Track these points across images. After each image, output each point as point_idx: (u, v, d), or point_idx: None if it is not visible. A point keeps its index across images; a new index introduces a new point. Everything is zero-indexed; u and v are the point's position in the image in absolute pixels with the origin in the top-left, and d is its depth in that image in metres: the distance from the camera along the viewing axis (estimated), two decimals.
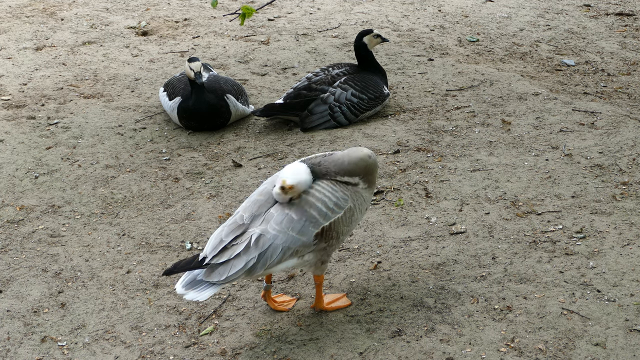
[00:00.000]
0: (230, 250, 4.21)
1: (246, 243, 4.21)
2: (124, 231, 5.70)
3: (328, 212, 4.32)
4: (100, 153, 6.79)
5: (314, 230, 4.29)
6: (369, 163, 4.47)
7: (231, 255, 4.19)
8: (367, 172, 4.47)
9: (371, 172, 4.51)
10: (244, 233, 4.27)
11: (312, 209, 4.29)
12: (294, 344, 4.48)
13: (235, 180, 6.26)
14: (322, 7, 10.33)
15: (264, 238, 4.22)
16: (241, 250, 4.20)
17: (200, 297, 4.17)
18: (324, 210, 4.31)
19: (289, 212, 4.27)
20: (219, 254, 4.21)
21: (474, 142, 6.58)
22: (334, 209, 4.34)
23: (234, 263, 4.18)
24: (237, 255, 4.20)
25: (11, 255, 5.47)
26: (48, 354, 4.59)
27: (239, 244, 4.22)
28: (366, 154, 4.47)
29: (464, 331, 4.46)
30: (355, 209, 4.46)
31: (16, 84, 8.14)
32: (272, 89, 7.93)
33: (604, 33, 9.54)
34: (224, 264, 4.19)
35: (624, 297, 4.65)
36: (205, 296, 4.17)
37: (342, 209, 4.38)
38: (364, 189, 4.49)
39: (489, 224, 5.43)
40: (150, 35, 9.49)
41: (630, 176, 5.90)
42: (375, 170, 4.55)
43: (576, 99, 7.37)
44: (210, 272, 4.19)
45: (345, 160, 4.44)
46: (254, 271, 4.21)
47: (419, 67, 8.26)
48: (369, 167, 4.47)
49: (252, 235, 4.23)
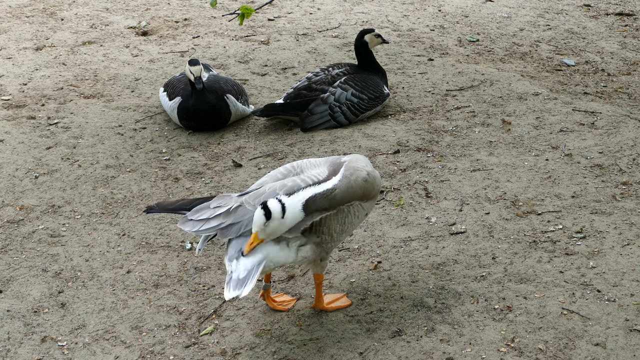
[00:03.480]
0: (212, 211, 4.34)
1: (227, 209, 4.33)
2: (124, 231, 5.70)
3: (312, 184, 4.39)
4: (100, 153, 6.79)
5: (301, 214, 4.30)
6: (366, 187, 4.43)
7: (210, 215, 4.32)
8: (363, 196, 4.45)
9: (367, 194, 4.47)
10: (225, 195, 4.44)
11: (299, 184, 4.36)
12: (294, 344, 4.48)
13: (235, 180, 6.26)
14: (322, 7, 10.33)
15: (244, 209, 4.31)
16: (221, 213, 4.32)
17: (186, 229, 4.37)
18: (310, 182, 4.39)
19: (276, 186, 4.36)
20: (200, 212, 4.36)
21: (474, 142, 6.58)
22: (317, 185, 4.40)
23: (210, 221, 4.33)
24: (215, 216, 4.32)
25: (11, 255, 5.47)
26: (48, 354, 4.59)
27: (222, 207, 4.35)
28: (360, 181, 4.42)
29: (464, 331, 4.46)
30: (350, 213, 4.44)
31: (16, 84, 8.14)
32: (272, 89, 7.93)
33: (604, 33, 9.54)
34: (202, 220, 4.34)
35: (624, 297, 4.65)
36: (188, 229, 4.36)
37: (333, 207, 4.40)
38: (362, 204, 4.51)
39: (489, 224, 5.43)
40: (150, 35, 9.49)
41: (630, 176, 5.90)
42: (372, 188, 4.49)
43: (576, 99, 7.37)
44: (185, 221, 4.37)
45: (338, 194, 4.37)
46: (226, 233, 4.31)
47: (419, 67, 8.26)
48: (365, 190, 4.44)
49: (234, 204, 4.34)
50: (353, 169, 4.45)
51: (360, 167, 4.47)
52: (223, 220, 4.30)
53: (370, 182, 4.46)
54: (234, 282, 4.19)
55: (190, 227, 4.34)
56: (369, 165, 4.54)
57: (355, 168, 4.46)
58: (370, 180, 4.46)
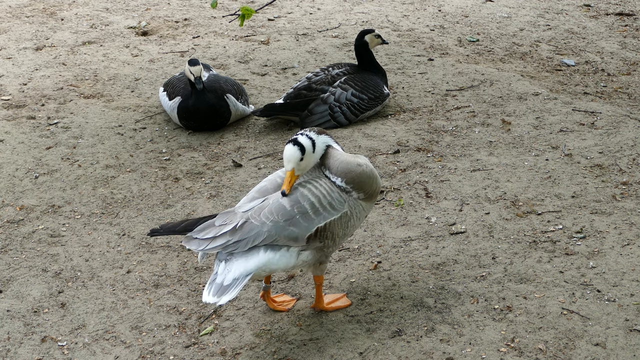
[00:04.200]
0: (217, 229, 4.29)
1: (233, 226, 4.27)
2: (124, 231, 5.70)
3: (320, 209, 4.31)
4: (100, 153, 6.79)
5: (304, 223, 4.28)
6: (357, 172, 4.41)
7: (216, 234, 4.27)
8: (355, 181, 4.41)
9: (362, 183, 4.44)
10: (230, 212, 4.37)
11: (305, 201, 4.30)
12: (294, 344, 4.48)
13: (235, 180, 6.26)
14: (322, 7, 10.33)
15: (251, 224, 4.27)
16: (227, 231, 4.27)
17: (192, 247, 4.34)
18: (317, 205, 4.31)
19: (281, 201, 4.30)
20: (204, 231, 4.30)
21: (474, 142, 6.58)
22: (327, 208, 4.33)
23: (216, 239, 4.28)
24: (222, 234, 4.27)
25: (11, 255, 5.47)
26: (48, 354, 4.59)
27: (227, 224, 4.29)
28: (354, 162, 4.43)
29: (464, 331, 4.46)
30: (353, 215, 4.43)
31: (16, 84, 8.14)
32: (272, 89, 7.93)
33: (604, 33, 9.54)
34: (208, 238, 4.29)
35: (624, 297, 4.65)
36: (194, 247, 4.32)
37: (337, 211, 4.36)
38: (361, 199, 4.47)
39: (489, 224, 5.43)
40: (150, 35, 9.49)
41: (630, 176, 5.90)
42: (369, 181, 4.46)
43: (576, 99, 7.37)
44: (191, 239, 4.31)
45: (337, 162, 4.42)
46: (233, 249, 4.28)
47: (419, 67, 8.26)
48: (357, 176, 4.41)
49: (240, 220, 4.28)
50: (353, 156, 4.51)
51: (361, 158, 4.52)
52: (230, 238, 4.26)
53: (367, 173, 4.44)
54: (215, 287, 4.19)
55: (196, 246, 4.29)
56: (369, 164, 4.53)
57: (351, 156, 4.51)
58: (368, 172, 4.44)
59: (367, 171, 4.44)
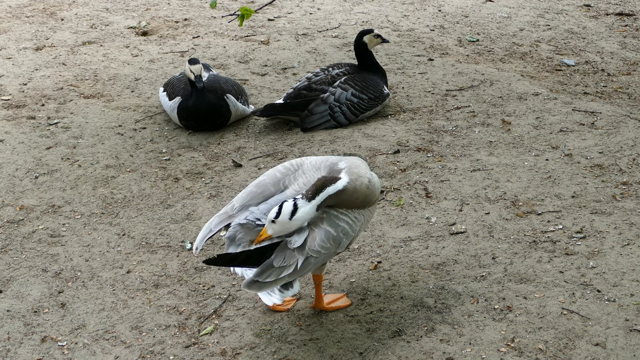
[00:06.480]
0: (278, 271, 4.15)
1: (293, 268, 4.17)
2: (124, 231, 5.70)
3: (353, 225, 4.35)
4: (100, 153, 6.79)
5: (346, 242, 4.35)
6: (367, 196, 4.40)
7: (278, 276, 4.14)
8: (364, 204, 4.43)
9: (368, 203, 4.45)
10: (285, 249, 4.21)
11: (341, 222, 4.30)
12: (294, 344, 4.48)
13: (235, 180, 6.26)
14: (322, 7, 10.33)
15: (313, 260, 4.22)
16: (289, 273, 4.16)
17: None
18: (350, 222, 4.34)
19: (326, 227, 4.26)
20: (265, 274, 4.15)
21: (474, 142, 6.58)
22: (356, 223, 4.38)
23: (277, 282, 4.16)
24: (283, 277, 4.15)
25: (11, 255, 5.47)
26: (48, 354, 4.59)
27: (288, 267, 4.17)
28: (363, 185, 4.37)
29: (464, 331, 4.46)
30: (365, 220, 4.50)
31: (16, 84, 8.14)
32: (272, 89, 7.93)
33: (604, 33, 9.54)
34: (269, 282, 4.16)
35: (624, 297, 4.65)
36: None
37: (360, 222, 4.43)
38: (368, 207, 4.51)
39: (489, 224, 5.43)
40: (150, 35, 9.49)
41: (630, 176, 5.90)
42: (372, 197, 4.47)
43: (576, 99, 7.37)
44: (252, 284, 4.15)
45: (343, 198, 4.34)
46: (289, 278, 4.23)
47: (419, 67, 8.26)
48: (363, 202, 4.41)
49: (298, 259, 4.18)
50: (357, 175, 4.38)
51: (362, 174, 4.41)
52: (290, 277, 4.19)
53: (371, 189, 4.45)
54: None
55: (257, 289, 4.17)
56: (369, 171, 4.51)
57: (358, 174, 4.39)
58: (372, 188, 4.45)
59: (372, 188, 4.43)
